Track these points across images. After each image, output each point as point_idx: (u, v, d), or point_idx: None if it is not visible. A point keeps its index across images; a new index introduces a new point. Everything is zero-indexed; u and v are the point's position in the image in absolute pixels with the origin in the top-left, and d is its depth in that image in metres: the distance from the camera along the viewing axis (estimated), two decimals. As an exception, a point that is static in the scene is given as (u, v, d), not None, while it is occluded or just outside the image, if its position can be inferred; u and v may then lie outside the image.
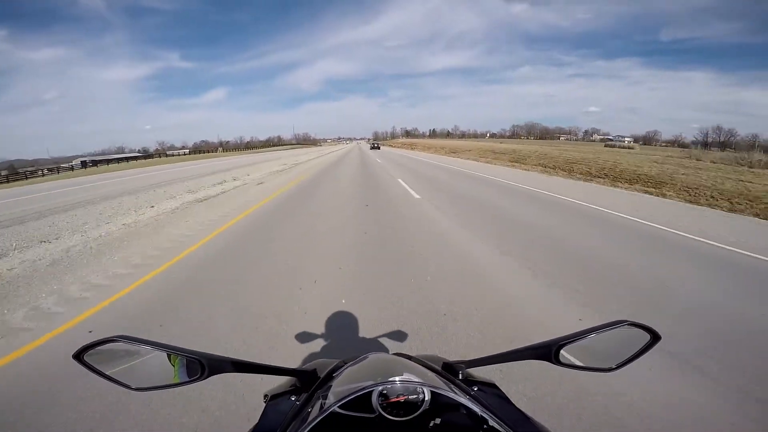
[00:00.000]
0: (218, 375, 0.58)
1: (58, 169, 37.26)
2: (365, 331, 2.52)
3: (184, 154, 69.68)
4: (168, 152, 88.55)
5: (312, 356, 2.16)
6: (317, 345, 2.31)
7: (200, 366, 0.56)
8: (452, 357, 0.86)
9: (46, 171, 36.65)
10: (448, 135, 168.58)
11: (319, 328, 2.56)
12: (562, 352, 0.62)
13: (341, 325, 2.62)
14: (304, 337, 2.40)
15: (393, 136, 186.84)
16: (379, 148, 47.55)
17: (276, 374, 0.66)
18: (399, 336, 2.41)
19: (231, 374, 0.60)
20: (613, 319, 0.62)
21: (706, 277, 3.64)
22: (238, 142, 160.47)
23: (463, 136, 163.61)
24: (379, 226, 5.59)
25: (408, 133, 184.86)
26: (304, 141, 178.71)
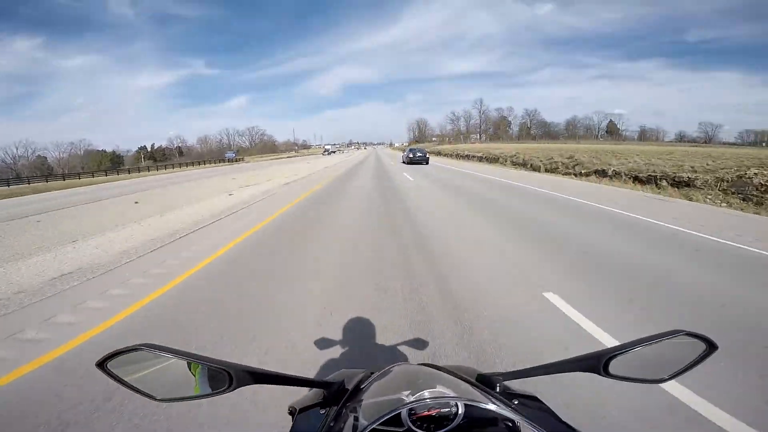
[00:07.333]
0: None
1: None
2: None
3: None
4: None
5: None
6: None
7: (228, 377, 0.53)
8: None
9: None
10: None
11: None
12: (611, 363, 0.57)
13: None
14: None
15: (466, 134, 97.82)
16: (427, 162, 23.99)
17: (305, 386, 0.65)
18: (418, 344, 2.39)
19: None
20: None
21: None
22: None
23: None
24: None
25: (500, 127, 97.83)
26: (268, 147, 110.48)
